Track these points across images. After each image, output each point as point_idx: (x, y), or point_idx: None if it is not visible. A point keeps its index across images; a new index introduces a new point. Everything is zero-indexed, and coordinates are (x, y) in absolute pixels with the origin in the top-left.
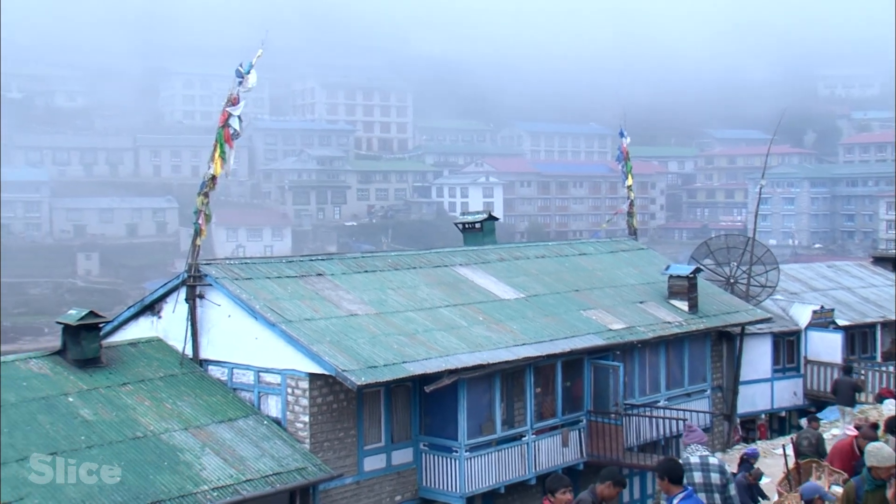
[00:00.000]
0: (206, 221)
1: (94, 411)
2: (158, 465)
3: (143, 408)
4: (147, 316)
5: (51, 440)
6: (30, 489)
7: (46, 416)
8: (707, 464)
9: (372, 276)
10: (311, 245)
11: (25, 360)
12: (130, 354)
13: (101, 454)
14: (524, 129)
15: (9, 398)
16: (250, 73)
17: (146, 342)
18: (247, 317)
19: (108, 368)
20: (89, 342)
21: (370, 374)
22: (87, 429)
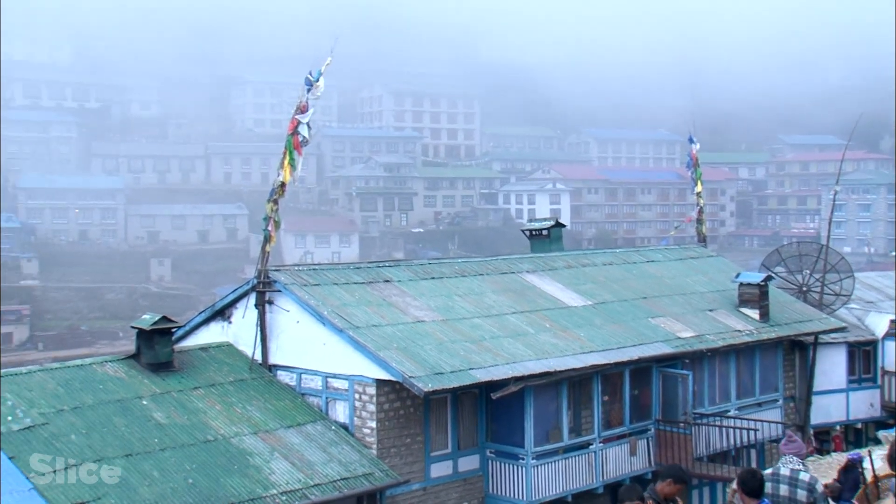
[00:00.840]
0: (276, 228)
1: (166, 414)
2: (228, 468)
3: (213, 412)
4: (217, 321)
5: (126, 442)
6: (106, 489)
7: (122, 418)
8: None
9: (439, 283)
10: (378, 252)
11: (102, 364)
12: (201, 359)
13: (174, 457)
14: (592, 135)
15: (86, 400)
16: (319, 81)
17: (217, 347)
18: (315, 323)
19: (180, 372)
20: (162, 346)
21: (437, 380)
22: (160, 431)
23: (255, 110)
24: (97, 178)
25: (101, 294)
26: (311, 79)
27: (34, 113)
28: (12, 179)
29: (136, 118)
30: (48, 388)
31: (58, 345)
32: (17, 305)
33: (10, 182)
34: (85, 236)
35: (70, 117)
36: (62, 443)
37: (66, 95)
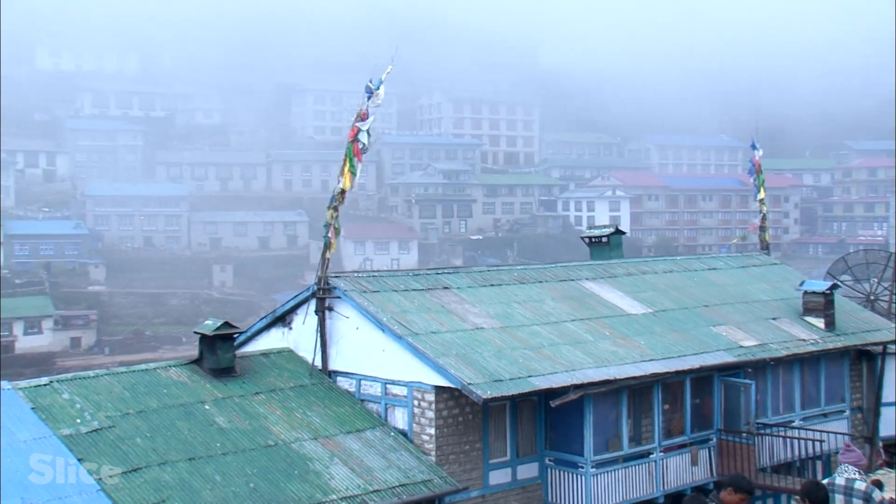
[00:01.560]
0: (336, 235)
1: (228, 419)
2: (289, 473)
3: (274, 417)
4: (278, 327)
5: (189, 446)
6: (170, 492)
7: (185, 422)
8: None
9: (497, 290)
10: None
11: (165, 368)
12: (262, 364)
13: (235, 461)
14: (652, 141)
15: (151, 404)
16: (380, 89)
17: (277, 353)
18: (374, 329)
19: (241, 378)
20: (224, 352)
21: (496, 387)
22: (222, 436)
23: (316, 118)
24: (162, 185)
25: (165, 299)
26: (372, 87)
27: (102, 122)
28: (80, 187)
29: (199, 126)
30: (115, 391)
31: (123, 349)
32: (84, 310)
33: (79, 190)
34: (150, 243)
35: (136, 126)
36: (128, 445)
37: (132, 105)
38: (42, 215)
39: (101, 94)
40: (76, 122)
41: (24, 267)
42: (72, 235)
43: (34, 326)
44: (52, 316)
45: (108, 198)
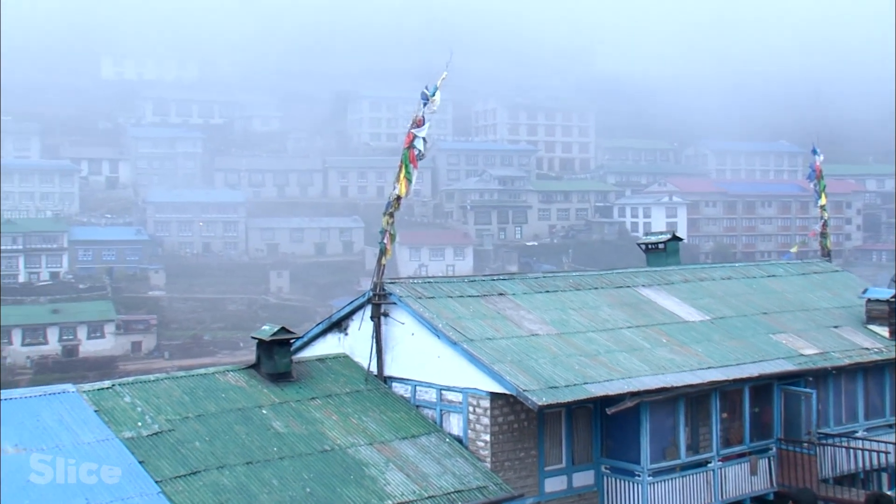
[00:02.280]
0: (391, 241)
1: (285, 424)
2: (345, 478)
3: (330, 422)
4: (334, 333)
5: (246, 450)
6: (228, 496)
7: (243, 426)
8: None
9: (553, 296)
10: (492, 265)
11: (224, 373)
12: (319, 370)
13: (292, 465)
14: (710, 147)
15: (209, 408)
16: (435, 96)
17: (333, 358)
18: (430, 335)
19: (298, 383)
20: (281, 357)
21: (551, 394)
22: (278, 440)
23: (372, 125)
24: (220, 191)
25: (223, 305)
26: (428, 93)
27: (162, 130)
28: (142, 194)
29: (257, 133)
30: (174, 395)
31: (182, 354)
32: (145, 315)
33: (140, 196)
34: (208, 248)
35: (195, 133)
36: (187, 449)
37: (192, 112)
38: (105, 221)
39: (161, 103)
40: (138, 129)
41: (87, 272)
42: (133, 241)
43: (97, 331)
44: (114, 320)
45: (168, 204)
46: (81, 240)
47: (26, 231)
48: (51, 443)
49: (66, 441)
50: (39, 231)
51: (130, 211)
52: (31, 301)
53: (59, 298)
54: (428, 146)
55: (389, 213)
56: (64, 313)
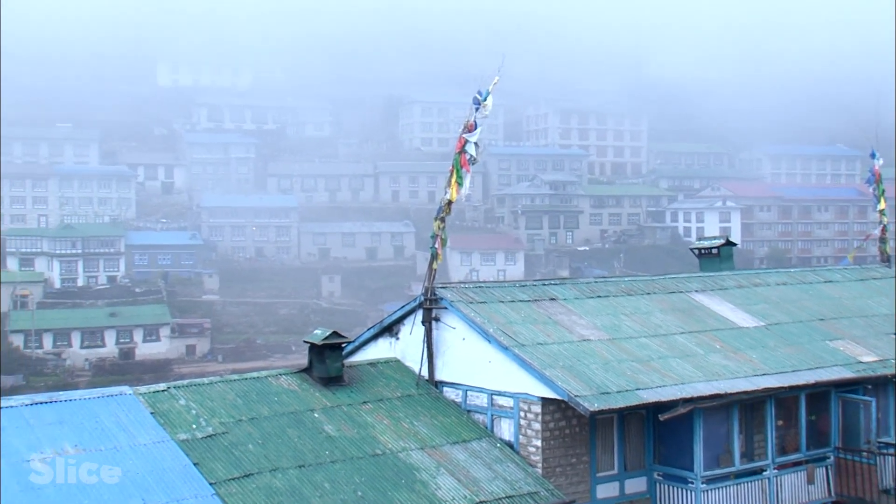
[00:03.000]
0: (442, 246)
1: (336, 427)
2: (396, 482)
3: (381, 426)
4: (385, 337)
5: (299, 453)
6: (281, 498)
7: (295, 430)
8: None
9: (605, 302)
10: (543, 269)
11: (276, 377)
12: (370, 374)
13: (344, 469)
14: (764, 151)
15: (262, 411)
16: (487, 100)
17: (385, 363)
18: (481, 340)
19: (349, 387)
20: (333, 361)
21: (603, 400)
22: (330, 444)
23: (423, 129)
24: (273, 196)
25: (276, 309)
26: (479, 98)
27: (217, 135)
28: (196, 199)
29: (309, 139)
30: (228, 398)
31: (235, 357)
32: (199, 319)
33: (194, 201)
34: (261, 253)
35: (249, 139)
36: (240, 451)
37: (245, 118)
38: (160, 226)
39: (216, 109)
40: (193, 135)
41: (143, 276)
42: (187, 246)
43: (153, 334)
44: (169, 324)
45: (221, 209)
46: (138, 244)
47: (85, 236)
48: (108, 444)
49: (124, 442)
50: (98, 236)
51: (185, 216)
52: (90, 304)
53: (117, 302)
54: (480, 151)
55: (441, 218)
56: (121, 317)
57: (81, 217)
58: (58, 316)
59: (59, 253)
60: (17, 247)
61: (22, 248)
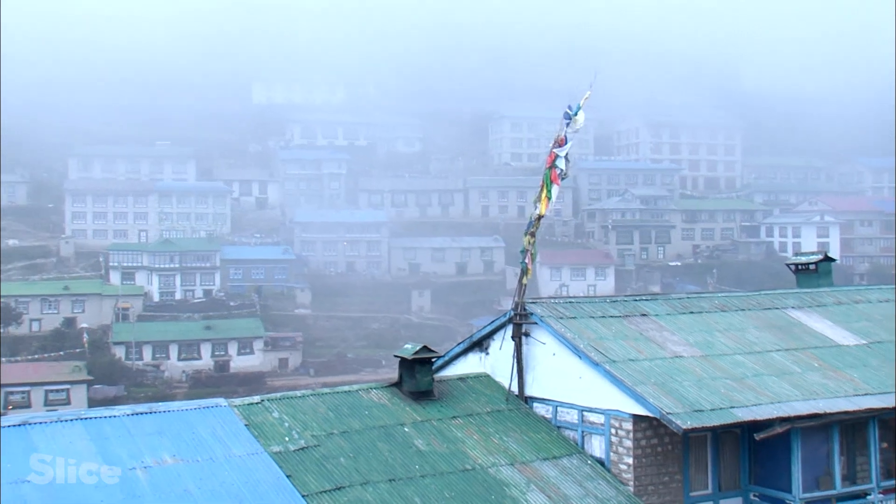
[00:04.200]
0: (532, 260)
1: (426, 442)
2: (486, 497)
3: (471, 441)
4: (475, 352)
5: (389, 467)
6: None
7: (385, 443)
8: None
9: (697, 318)
10: (634, 285)
11: (367, 391)
12: (460, 389)
13: (434, 483)
14: (865, 164)
15: (353, 425)
16: (578, 115)
17: (474, 377)
18: (571, 355)
19: (439, 401)
20: (423, 375)
21: (696, 418)
22: (420, 458)
23: (513, 144)
24: (364, 212)
25: (366, 323)
26: (570, 112)
27: (309, 152)
28: (289, 214)
29: (399, 154)
30: (320, 411)
31: (327, 371)
32: (291, 333)
33: (287, 216)
34: (352, 268)
35: (341, 155)
36: (332, 464)
37: (337, 134)
38: (254, 241)
39: (309, 126)
40: (286, 152)
41: (237, 290)
42: (280, 260)
43: (246, 347)
44: (262, 337)
45: (313, 224)
46: (232, 259)
47: (183, 250)
48: (205, 455)
49: (219, 453)
50: (194, 250)
51: (278, 231)
52: (187, 318)
53: (212, 315)
54: (570, 165)
55: (531, 233)
56: (216, 330)
57: (179, 232)
58: (156, 328)
59: (158, 267)
60: (120, 261)
61: (124, 262)
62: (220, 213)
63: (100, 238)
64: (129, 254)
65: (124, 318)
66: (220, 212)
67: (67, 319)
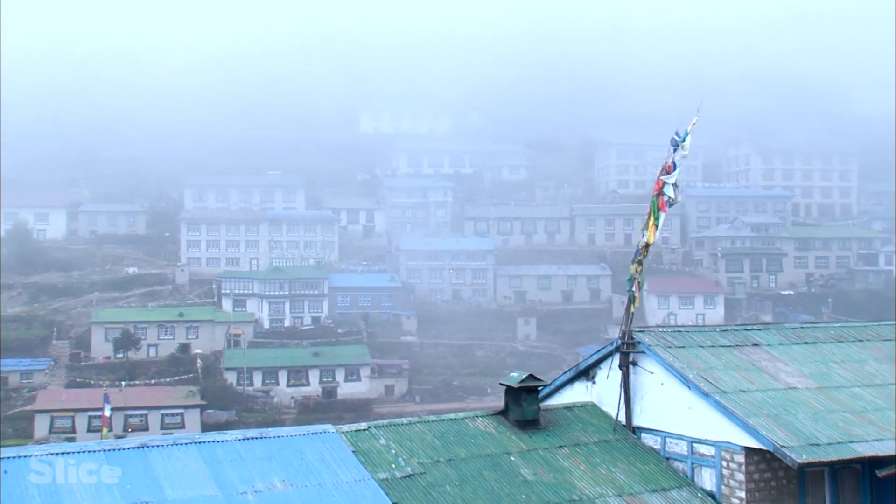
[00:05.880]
0: (639, 289)
1: (533, 471)
2: None
3: (578, 471)
4: (582, 381)
5: (495, 496)
6: None
7: (491, 472)
8: None
9: (812, 348)
10: (744, 314)
11: (473, 419)
12: (566, 418)
13: None
14: None
15: (459, 453)
16: (686, 142)
17: (581, 407)
18: (680, 385)
19: (545, 430)
20: (529, 404)
21: (812, 452)
22: (526, 488)
23: (619, 172)
24: (469, 239)
25: (471, 351)
26: (678, 139)
27: (415, 180)
28: (395, 242)
29: (505, 182)
30: (426, 439)
31: (432, 398)
32: (397, 360)
33: (394, 244)
34: (458, 295)
35: (447, 183)
36: (438, 492)
37: (443, 163)
38: (361, 269)
39: (415, 154)
40: (393, 180)
41: (344, 317)
42: (387, 288)
43: (353, 374)
44: (369, 364)
45: (419, 252)
46: (340, 286)
47: (292, 278)
48: (313, 480)
49: (327, 479)
50: (303, 278)
51: (385, 258)
52: (295, 344)
53: (320, 342)
54: (678, 192)
55: (638, 261)
56: (324, 356)
57: (289, 260)
58: (266, 355)
59: (268, 294)
60: (231, 288)
61: (235, 289)
62: (328, 240)
63: (213, 266)
64: (241, 281)
65: (236, 344)
66: (329, 240)
67: (182, 345)
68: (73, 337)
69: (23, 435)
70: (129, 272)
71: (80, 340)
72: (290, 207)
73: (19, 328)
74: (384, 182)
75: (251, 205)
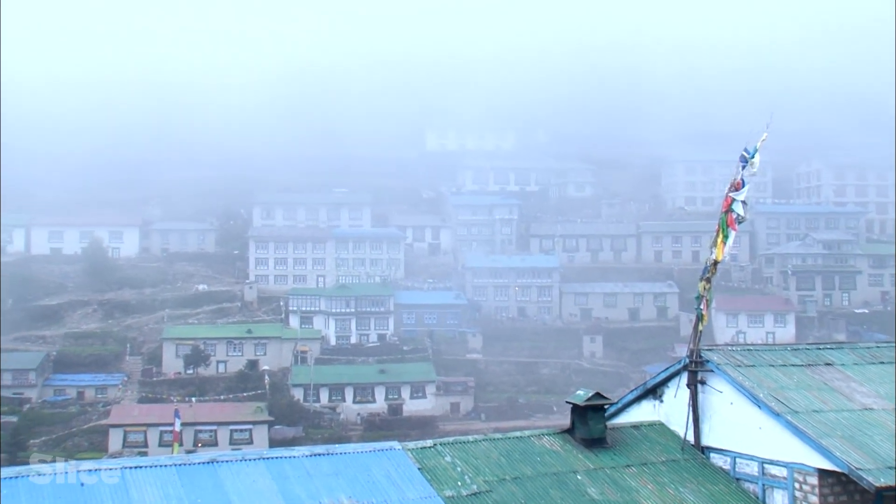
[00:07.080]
0: (707, 307)
1: (600, 490)
2: None
3: (645, 491)
4: (649, 399)
5: None
6: None
7: (557, 491)
8: None
9: (888, 368)
10: (816, 333)
11: (539, 437)
12: (633, 437)
13: None
14: None
15: (525, 471)
16: (755, 158)
17: (648, 426)
18: (749, 405)
19: (612, 449)
20: (595, 422)
21: (889, 475)
22: None
23: (686, 188)
24: (535, 257)
25: (537, 368)
26: (747, 155)
27: (481, 197)
28: (460, 259)
29: (571, 199)
30: (492, 457)
31: (498, 416)
32: (463, 377)
33: (459, 262)
34: (523, 313)
35: (512, 200)
36: None
37: (509, 180)
38: (427, 286)
39: (481, 171)
40: (458, 197)
41: (410, 335)
42: (452, 305)
43: (419, 391)
44: (434, 381)
45: (485, 269)
46: (405, 304)
47: (358, 295)
48: (379, 497)
49: (393, 496)
50: (369, 295)
51: (450, 276)
52: (361, 361)
53: (386, 359)
54: (747, 209)
55: (706, 279)
56: (389, 374)
57: (355, 277)
58: (333, 371)
59: (334, 311)
60: (298, 305)
61: (302, 306)
62: (394, 258)
63: (280, 283)
64: (308, 298)
65: (303, 360)
66: (394, 257)
67: (250, 361)
68: (146, 353)
69: (98, 448)
70: (199, 289)
71: (152, 356)
72: (356, 225)
73: (94, 344)
74: (450, 199)
75: (318, 222)
